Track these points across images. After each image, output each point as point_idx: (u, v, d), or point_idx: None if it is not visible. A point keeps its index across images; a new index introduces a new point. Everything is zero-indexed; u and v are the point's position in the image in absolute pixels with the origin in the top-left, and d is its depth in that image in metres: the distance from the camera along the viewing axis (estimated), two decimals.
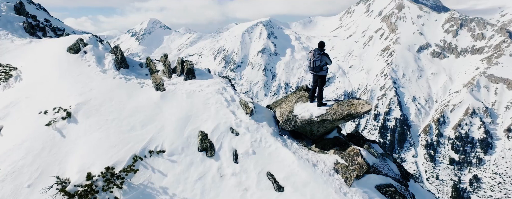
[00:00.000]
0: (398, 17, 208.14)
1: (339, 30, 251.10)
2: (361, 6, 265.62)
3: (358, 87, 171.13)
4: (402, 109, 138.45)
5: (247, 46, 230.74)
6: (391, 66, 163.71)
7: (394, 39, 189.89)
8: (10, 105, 8.68)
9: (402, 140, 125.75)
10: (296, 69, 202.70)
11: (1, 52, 10.71)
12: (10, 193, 7.01)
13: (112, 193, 6.66)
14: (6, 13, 12.60)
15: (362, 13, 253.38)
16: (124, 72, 9.27)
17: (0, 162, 7.52)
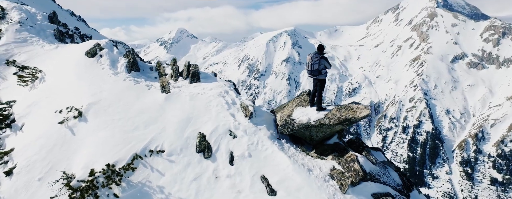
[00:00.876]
0: (430, 26, 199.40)
1: (366, 39, 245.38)
2: (389, 15, 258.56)
3: (385, 98, 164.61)
4: (434, 122, 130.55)
5: (271, 55, 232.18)
6: (422, 77, 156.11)
7: (425, 49, 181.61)
8: (32, 104, 9.41)
9: (434, 155, 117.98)
10: None
11: (31, 56, 11.73)
12: (23, 185, 7.52)
13: (111, 189, 6.91)
14: (41, 22, 13.85)
15: (390, 22, 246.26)
16: (134, 74, 9.73)
17: (18, 156, 8.12)
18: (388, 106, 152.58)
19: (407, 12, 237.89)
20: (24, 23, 13.09)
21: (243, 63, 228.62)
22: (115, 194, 6.89)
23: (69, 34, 14.74)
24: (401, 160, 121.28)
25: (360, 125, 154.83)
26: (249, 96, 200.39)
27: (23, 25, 12.94)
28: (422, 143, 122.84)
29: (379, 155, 7.53)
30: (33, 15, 14.13)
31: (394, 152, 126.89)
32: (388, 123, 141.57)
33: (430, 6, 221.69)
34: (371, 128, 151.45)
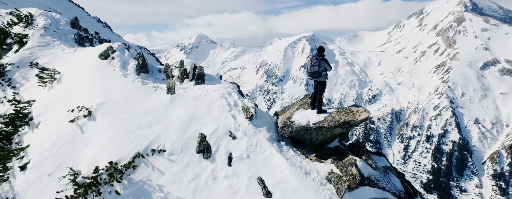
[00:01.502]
0: (457, 30, 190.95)
1: (387, 45, 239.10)
2: (412, 20, 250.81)
3: (407, 105, 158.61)
4: (461, 132, 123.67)
5: (289, 61, 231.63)
6: (448, 84, 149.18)
7: (452, 55, 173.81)
8: (48, 103, 9.95)
9: (462, 166, 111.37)
10: (339, 84, 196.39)
11: (52, 59, 12.45)
12: (34, 179, 7.92)
13: (113, 186, 7.12)
14: (63, 27, 14.72)
15: (414, 27, 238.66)
16: (143, 76, 10.06)
17: (32, 152, 8.58)
18: (411, 114, 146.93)
19: (432, 17, 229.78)
20: (48, 28, 13.97)
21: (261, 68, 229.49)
22: (117, 191, 7.09)
23: (88, 38, 15.52)
24: (425, 170, 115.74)
25: (380, 133, 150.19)
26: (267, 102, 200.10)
27: (47, 30, 13.80)
28: (448, 153, 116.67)
29: (382, 160, 7.25)
30: (57, 20, 15.04)
31: (417, 162, 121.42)
32: (411, 132, 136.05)
33: (457, 10, 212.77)
34: (392, 136, 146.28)
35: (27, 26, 14.50)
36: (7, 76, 12.06)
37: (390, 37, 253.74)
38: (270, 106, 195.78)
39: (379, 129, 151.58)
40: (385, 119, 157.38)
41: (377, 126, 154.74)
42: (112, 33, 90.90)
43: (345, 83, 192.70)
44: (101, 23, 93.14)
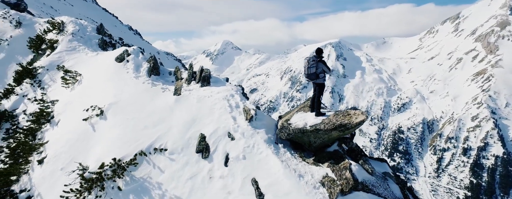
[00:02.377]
0: (500, 36, 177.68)
1: (418, 51, 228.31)
2: (447, 25, 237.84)
3: (441, 115, 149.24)
4: (506, 146, 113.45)
5: None
6: (488, 93, 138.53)
7: (493, 62, 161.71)
8: (68, 103, 10.68)
9: (507, 184, 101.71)
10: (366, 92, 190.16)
11: (77, 62, 13.40)
12: (49, 173, 8.48)
13: (115, 182, 7.42)
14: (89, 33, 15.83)
15: (448, 33, 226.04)
16: (154, 78, 10.49)
17: (50, 148, 9.22)
18: (445, 125, 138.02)
19: (469, 22, 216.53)
20: (76, 34, 15.09)
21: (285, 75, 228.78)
22: (119, 187, 7.39)
23: (112, 43, 16.52)
24: (462, 185, 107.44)
25: (410, 144, 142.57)
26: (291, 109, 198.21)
27: (74, 36, 14.91)
28: (489, 168, 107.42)
29: (383, 166, 6.89)
30: (84, 27, 16.21)
31: (453, 176, 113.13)
32: (445, 143, 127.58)
33: (501, 13, 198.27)
34: (423, 147, 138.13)
35: (59, 32, 15.77)
36: (38, 78, 13.14)
37: (422, 43, 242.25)
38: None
39: (409, 139, 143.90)
40: (416, 129, 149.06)
41: (407, 136, 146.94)
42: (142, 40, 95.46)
43: (372, 90, 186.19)
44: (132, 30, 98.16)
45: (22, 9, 22.54)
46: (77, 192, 7.27)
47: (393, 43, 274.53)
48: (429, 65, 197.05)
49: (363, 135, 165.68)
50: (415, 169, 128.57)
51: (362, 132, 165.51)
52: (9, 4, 22.07)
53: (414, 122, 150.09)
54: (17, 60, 16.20)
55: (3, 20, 18.69)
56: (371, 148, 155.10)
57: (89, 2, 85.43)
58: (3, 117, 12.30)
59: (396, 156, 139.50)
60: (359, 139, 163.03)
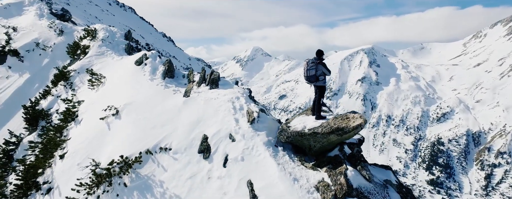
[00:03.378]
0: None
1: (462, 57, 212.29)
2: (498, 29, 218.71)
3: (489, 127, 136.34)
4: None
5: (345, 74, 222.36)
6: None
7: None
8: (91, 103, 11.48)
9: None
10: (401, 100, 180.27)
11: (104, 65, 14.41)
12: (67, 167, 9.13)
13: (122, 178, 7.78)
14: (117, 39, 17.01)
15: (500, 37, 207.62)
16: (167, 81, 10.92)
17: (71, 144, 9.94)
18: (495, 138, 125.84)
19: None
20: (105, 40, 16.27)
21: None
22: (125, 183, 7.73)
23: (138, 48, 17.56)
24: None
25: (452, 157, 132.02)
26: None
27: (104, 42, 16.09)
28: None
29: (386, 174, 6.45)
30: (113, 33, 17.44)
31: (506, 196, 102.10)
32: (495, 158, 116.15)
33: None
34: (468, 161, 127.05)
35: (92, 39, 17.12)
36: (70, 81, 14.32)
37: (466, 48, 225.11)
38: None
39: (451, 152, 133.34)
40: (458, 141, 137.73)
41: (448, 148, 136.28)
42: (174, 46, 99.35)
43: (408, 99, 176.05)
44: (165, 37, 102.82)
45: (66, 19, 24.84)
46: (87, 186, 7.73)
47: (432, 48, 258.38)
48: (475, 72, 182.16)
49: (398, 146, 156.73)
50: (458, 185, 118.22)
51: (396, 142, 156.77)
52: (56, 15, 24.47)
53: (456, 134, 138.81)
54: (57, 65, 17.84)
55: (49, 29, 20.74)
56: (407, 159, 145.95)
57: (128, 12, 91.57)
58: (40, 116, 13.54)
59: (435, 170, 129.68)
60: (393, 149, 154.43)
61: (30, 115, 13.49)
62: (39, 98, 14.28)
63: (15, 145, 13.14)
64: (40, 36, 20.09)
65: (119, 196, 7.55)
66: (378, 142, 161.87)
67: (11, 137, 13.29)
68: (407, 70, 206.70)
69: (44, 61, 18.76)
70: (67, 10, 26.11)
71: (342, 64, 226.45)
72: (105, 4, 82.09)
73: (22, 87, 17.72)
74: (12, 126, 15.28)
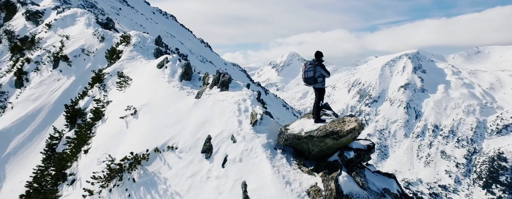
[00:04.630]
0: None
1: None
2: None
3: None
4: None
5: (386, 80, 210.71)
6: None
7: None
8: (116, 103, 12.36)
9: None
10: (451, 109, 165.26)
11: (133, 69, 15.48)
12: (89, 161, 9.90)
13: (131, 174, 8.21)
14: (148, 44, 18.20)
15: None
16: (184, 83, 11.35)
17: (94, 140, 10.78)
18: None
19: None
20: (136, 45, 17.50)
21: (353, 87, 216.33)
22: (133, 178, 8.15)
23: (167, 53, 18.54)
24: None
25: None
26: None
27: (135, 47, 17.31)
28: None
29: (388, 183, 5.95)
30: (144, 39, 18.67)
31: None
32: None
33: None
34: None
35: (126, 44, 18.54)
36: (103, 82, 15.62)
37: None
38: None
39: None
40: None
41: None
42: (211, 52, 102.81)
43: (460, 107, 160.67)
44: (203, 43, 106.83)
45: (109, 27, 27.23)
46: (100, 180, 8.30)
47: (491, 52, 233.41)
48: None
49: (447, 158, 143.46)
50: None
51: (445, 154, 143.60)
52: (101, 23, 27.00)
53: None
54: (97, 68, 19.59)
55: (93, 36, 22.92)
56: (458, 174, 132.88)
57: (170, 20, 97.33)
58: (78, 114, 14.93)
59: (496, 189, 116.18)
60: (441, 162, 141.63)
61: (70, 114, 14.94)
62: (78, 98, 15.77)
63: (58, 140, 14.61)
64: (86, 43, 22.27)
65: (128, 191, 7.98)
66: (423, 153, 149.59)
67: (55, 132, 14.81)
68: (459, 76, 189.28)
69: (87, 65, 20.70)
70: (111, 19, 28.64)
71: (383, 69, 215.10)
72: (150, 13, 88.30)
73: (69, 89, 19.71)
74: (58, 123, 17.05)
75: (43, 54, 23.54)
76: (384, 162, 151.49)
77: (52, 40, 25.30)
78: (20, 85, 22.18)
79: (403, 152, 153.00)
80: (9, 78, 23.29)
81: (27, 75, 22.50)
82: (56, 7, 33.19)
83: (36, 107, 19.35)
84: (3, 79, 23.63)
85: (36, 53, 24.17)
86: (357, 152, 7.08)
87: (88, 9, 45.37)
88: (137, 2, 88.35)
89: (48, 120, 18.29)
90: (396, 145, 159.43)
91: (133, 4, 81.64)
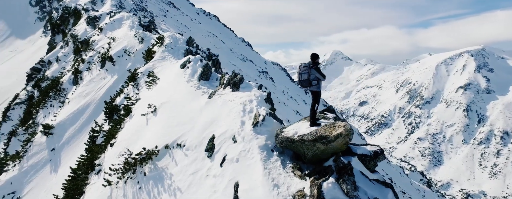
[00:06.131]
0: None
1: None
2: None
3: None
4: None
5: (441, 80, 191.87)
6: None
7: None
8: (142, 101, 13.26)
9: None
10: None
11: (162, 68, 16.45)
12: (112, 154, 10.80)
13: (143, 168, 8.76)
14: (179, 45, 19.16)
15: None
16: (202, 83, 11.72)
17: (120, 135, 11.72)
18: None
19: None
20: (168, 46, 18.53)
21: (402, 87, 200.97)
22: (145, 172, 8.70)
23: (197, 53, 19.31)
24: None
25: None
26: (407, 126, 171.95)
27: (166, 47, 18.35)
28: None
29: (383, 192, 5.46)
30: (177, 40, 19.67)
31: None
32: None
33: None
34: None
35: (160, 45, 19.76)
36: (137, 81, 16.88)
37: None
38: (411, 131, 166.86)
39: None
40: None
41: None
42: (252, 51, 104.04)
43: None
44: (244, 42, 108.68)
45: (150, 29, 29.26)
46: (117, 172, 9.01)
47: None
48: None
49: None
50: None
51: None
52: (143, 26, 29.17)
53: None
54: (135, 68, 21.24)
55: (134, 38, 24.85)
56: None
57: (213, 20, 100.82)
58: (114, 110, 16.39)
59: None
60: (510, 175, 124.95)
61: (108, 109, 16.45)
62: (115, 95, 17.29)
63: (98, 133, 16.21)
64: (128, 44, 24.25)
65: (139, 183, 8.56)
66: (487, 163, 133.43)
67: (96, 126, 16.44)
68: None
69: (128, 64, 22.51)
70: (153, 21, 30.74)
71: (437, 68, 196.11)
72: (194, 14, 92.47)
73: (112, 86, 21.66)
74: (101, 118, 18.90)
75: (94, 55, 26.20)
76: (437, 169, 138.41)
77: (102, 42, 28.04)
78: (76, 83, 24.99)
79: (461, 159, 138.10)
80: (69, 76, 26.40)
81: (81, 74, 25.25)
82: (109, 12, 36.66)
83: (85, 103, 21.62)
84: (65, 77, 26.89)
85: (89, 54, 27.01)
86: (362, 158, 6.63)
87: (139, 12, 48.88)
88: (183, 4, 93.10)
89: (94, 115, 20.32)
90: (452, 151, 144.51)
91: (179, 5, 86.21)
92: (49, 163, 18.83)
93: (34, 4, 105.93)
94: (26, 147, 20.17)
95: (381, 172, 43.71)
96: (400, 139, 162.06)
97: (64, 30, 44.73)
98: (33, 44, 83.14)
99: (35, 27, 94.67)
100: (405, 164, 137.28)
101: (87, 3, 43.67)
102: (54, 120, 20.84)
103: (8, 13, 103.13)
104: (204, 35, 70.48)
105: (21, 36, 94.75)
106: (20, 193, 17.94)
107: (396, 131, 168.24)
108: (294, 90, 72.01)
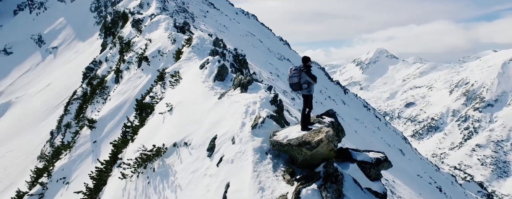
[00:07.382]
0: None
1: None
2: None
3: None
4: None
5: (508, 80, 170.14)
6: None
7: None
8: (164, 100, 13.91)
9: None
10: None
11: (187, 68, 17.08)
12: (131, 150, 11.48)
13: (153, 164, 9.20)
14: (206, 45, 19.71)
15: None
16: (217, 83, 11.90)
17: (140, 131, 12.44)
18: None
19: None
20: (194, 47, 19.18)
21: (457, 88, 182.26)
22: (154, 168, 9.13)
23: (223, 53, 19.69)
24: None
25: None
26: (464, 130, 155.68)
27: (193, 48, 19.00)
28: None
29: None
30: (203, 40, 20.26)
31: None
32: None
33: None
34: None
35: (188, 46, 20.56)
36: (164, 81, 17.79)
37: None
38: (468, 136, 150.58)
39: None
40: None
41: None
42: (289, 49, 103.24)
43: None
44: (282, 41, 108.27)
45: (184, 31, 30.60)
46: (131, 166, 9.59)
47: None
48: None
49: None
50: None
51: None
52: (177, 27, 30.63)
53: None
54: (167, 67, 22.38)
55: (167, 39, 26.21)
56: None
57: (251, 19, 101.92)
58: (143, 108, 17.49)
59: None
60: None
61: (138, 107, 17.61)
62: (145, 94, 18.43)
63: (129, 128, 17.46)
64: (162, 45, 25.66)
65: (148, 178, 9.02)
66: None
67: (127, 122, 17.72)
68: None
69: (161, 64, 23.83)
70: (187, 23, 32.11)
71: (504, 67, 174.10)
72: (233, 14, 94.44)
73: (146, 85, 23.12)
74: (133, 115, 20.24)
75: (133, 55, 28.20)
76: (502, 181, 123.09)
77: (140, 43, 30.06)
78: (117, 81, 27.17)
79: None
80: (112, 75, 28.80)
81: (122, 73, 27.36)
82: (151, 15, 39.13)
83: (123, 100, 23.36)
84: (109, 76, 29.43)
85: (129, 54, 29.14)
86: (362, 165, 6.19)
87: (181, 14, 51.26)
88: (222, 4, 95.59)
89: (129, 111, 21.86)
90: None
91: (218, 6, 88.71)
92: (92, 154, 20.76)
93: (93, 10, 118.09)
94: (75, 139, 22.52)
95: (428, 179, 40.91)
96: (454, 144, 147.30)
97: (114, 33, 49.00)
98: (91, 45, 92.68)
99: (93, 30, 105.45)
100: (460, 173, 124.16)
101: (136, 7, 47.23)
102: (97, 115, 22.91)
103: (74, 19, 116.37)
104: (242, 34, 71.67)
105: (82, 39, 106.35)
106: (69, 179, 20.09)
107: (449, 136, 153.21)
108: (332, 89, 69.67)
